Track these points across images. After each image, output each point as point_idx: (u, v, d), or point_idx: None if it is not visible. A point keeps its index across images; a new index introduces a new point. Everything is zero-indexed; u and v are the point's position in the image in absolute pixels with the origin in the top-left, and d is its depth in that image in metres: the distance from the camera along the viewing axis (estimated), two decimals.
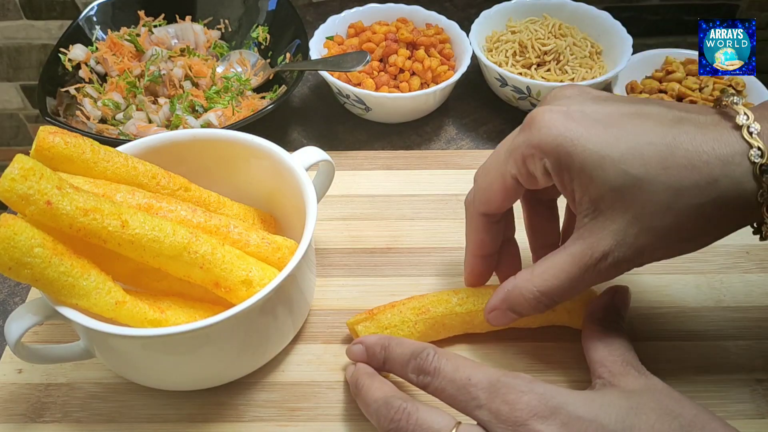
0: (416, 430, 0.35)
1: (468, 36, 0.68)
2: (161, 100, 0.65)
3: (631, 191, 0.34)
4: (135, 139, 0.49)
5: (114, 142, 0.48)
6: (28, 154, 0.38)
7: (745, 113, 0.35)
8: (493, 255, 0.45)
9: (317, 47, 0.68)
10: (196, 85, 0.67)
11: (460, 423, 0.35)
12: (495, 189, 0.40)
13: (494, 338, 0.46)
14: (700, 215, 0.34)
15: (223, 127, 0.58)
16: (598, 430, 0.33)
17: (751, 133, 0.34)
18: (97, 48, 0.69)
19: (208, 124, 0.62)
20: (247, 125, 0.57)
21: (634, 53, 0.66)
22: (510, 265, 0.46)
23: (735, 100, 0.36)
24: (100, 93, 0.66)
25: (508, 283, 0.40)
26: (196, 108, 0.65)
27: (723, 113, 0.36)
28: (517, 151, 0.38)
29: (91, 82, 0.67)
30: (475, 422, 0.35)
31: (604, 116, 0.36)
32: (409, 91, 0.64)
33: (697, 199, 0.34)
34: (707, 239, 0.36)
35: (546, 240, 0.45)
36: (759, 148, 0.33)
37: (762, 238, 0.36)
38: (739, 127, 0.34)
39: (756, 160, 0.33)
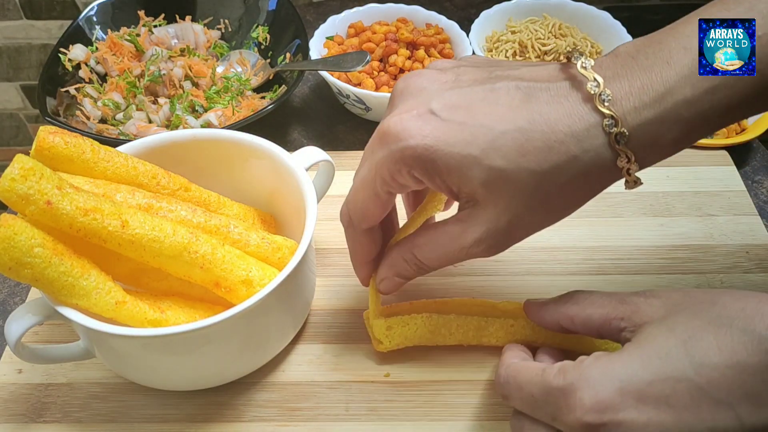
0: None
1: (468, 36, 0.68)
2: (161, 100, 0.65)
3: (498, 183, 0.35)
4: (135, 139, 0.49)
5: (114, 142, 0.48)
6: (28, 154, 0.38)
7: (595, 79, 0.34)
8: (379, 254, 0.44)
9: (317, 47, 0.68)
10: (196, 85, 0.67)
11: None
12: (371, 207, 0.39)
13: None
14: (565, 190, 0.35)
15: (223, 127, 0.58)
16: (676, 385, 0.31)
17: (603, 101, 0.34)
18: (97, 48, 0.69)
19: (208, 124, 0.62)
20: (247, 125, 0.57)
21: None
22: None
23: (584, 63, 0.35)
24: (100, 93, 0.66)
25: (393, 255, 0.42)
26: (196, 108, 0.65)
27: (573, 79, 0.35)
28: (381, 168, 0.37)
29: (91, 82, 0.67)
30: None
31: (456, 108, 0.35)
32: None
33: (561, 177, 0.34)
34: (576, 207, 0.37)
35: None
36: (612, 117, 0.33)
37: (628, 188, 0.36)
38: (590, 97, 0.34)
39: (611, 131, 0.33)
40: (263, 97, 0.67)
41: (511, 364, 0.38)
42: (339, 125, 0.68)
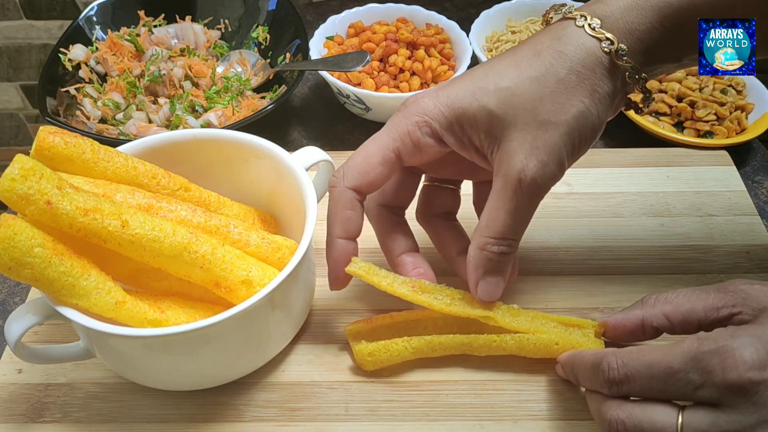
0: None
1: (468, 36, 0.68)
2: (161, 100, 0.65)
3: (508, 102, 0.38)
4: (135, 139, 0.49)
5: (114, 142, 0.48)
6: (28, 154, 0.38)
7: (564, 4, 0.41)
8: (355, 239, 0.43)
9: (317, 47, 0.68)
10: (196, 85, 0.67)
11: (683, 409, 0.34)
12: (373, 162, 0.41)
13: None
14: (568, 87, 0.38)
15: (223, 127, 0.58)
16: None
17: (571, 10, 0.39)
18: (97, 48, 0.69)
19: (208, 124, 0.62)
20: (247, 125, 0.57)
21: None
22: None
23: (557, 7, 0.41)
24: (100, 93, 0.66)
25: (470, 254, 0.41)
26: (196, 108, 0.65)
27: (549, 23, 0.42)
28: (398, 126, 0.41)
29: (91, 82, 0.67)
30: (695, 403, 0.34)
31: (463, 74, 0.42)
32: (409, 91, 0.64)
33: (558, 72, 0.38)
34: (587, 111, 0.39)
35: (458, 247, 0.46)
36: (582, 15, 0.39)
37: (639, 100, 0.42)
38: (560, 10, 0.40)
39: (580, 23, 0.38)
40: (263, 97, 0.67)
41: (622, 350, 0.36)
42: (339, 125, 0.68)
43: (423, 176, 0.47)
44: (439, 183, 0.47)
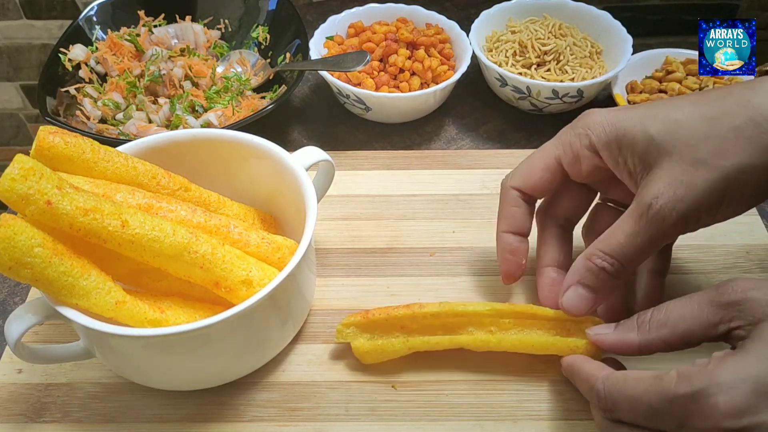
0: None
1: (468, 36, 0.68)
2: (161, 100, 0.65)
3: (671, 132, 0.37)
4: (135, 139, 0.49)
5: (114, 142, 0.48)
6: (28, 154, 0.38)
7: None
8: (523, 238, 0.45)
9: (317, 47, 0.68)
10: (196, 85, 0.67)
11: None
12: (536, 166, 0.43)
13: None
14: (741, 136, 0.35)
15: (223, 127, 0.58)
16: None
17: None
18: (97, 48, 0.69)
19: (208, 124, 0.62)
20: (247, 125, 0.57)
21: (634, 53, 0.66)
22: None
23: None
24: (100, 93, 0.66)
25: (576, 263, 0.41)
26: (196, 108, 0.65)
27: None
28: (564, 136, 0.42)
29: (91, 82, 0.67)
30: None
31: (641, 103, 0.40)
32: (409, 91, 0.64)
33: (734, 120, 0.35)
34: (750, 165, 0.36)
35: (555, 257, 0.46)
36: None
37: None
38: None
39: None
40: (263, 97, 0.67)
41: (610, 376, 0.36)
42: (339, 125, 0.68)
43: (598, 194, 0.47)
44: (612, 203, 0.46)
